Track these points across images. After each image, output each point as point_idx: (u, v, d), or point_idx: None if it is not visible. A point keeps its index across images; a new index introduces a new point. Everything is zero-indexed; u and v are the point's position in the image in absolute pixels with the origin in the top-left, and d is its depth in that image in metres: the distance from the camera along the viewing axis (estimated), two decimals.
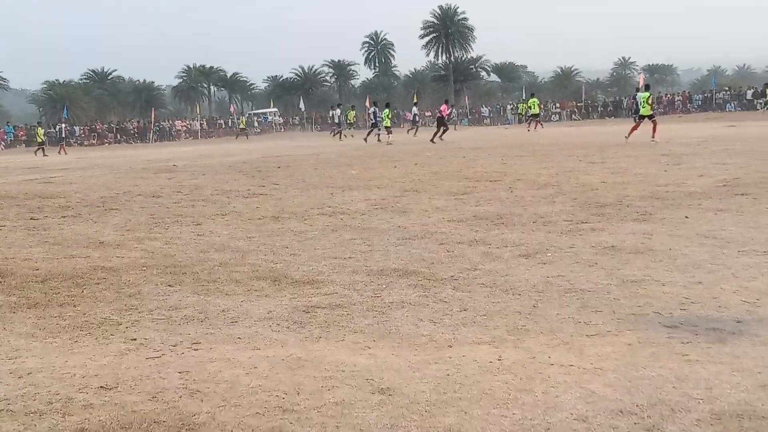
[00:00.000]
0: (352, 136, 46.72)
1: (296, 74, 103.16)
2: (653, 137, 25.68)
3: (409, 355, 5.01)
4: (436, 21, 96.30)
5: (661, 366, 4.56)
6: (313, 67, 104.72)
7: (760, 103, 49.85)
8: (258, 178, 18.19)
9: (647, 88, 30.90)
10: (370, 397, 4.30)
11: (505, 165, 18.97)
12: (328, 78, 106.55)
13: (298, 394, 4.38)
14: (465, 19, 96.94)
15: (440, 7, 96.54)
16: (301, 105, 78.62)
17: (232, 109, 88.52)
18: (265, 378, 4.67)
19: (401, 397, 4.27)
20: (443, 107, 38.27)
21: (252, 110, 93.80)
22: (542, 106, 51.68)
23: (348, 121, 55.09)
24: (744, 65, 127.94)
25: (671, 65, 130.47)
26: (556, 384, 4.35)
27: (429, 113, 74.79)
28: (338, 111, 51.21)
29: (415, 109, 49.19)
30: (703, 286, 6.42)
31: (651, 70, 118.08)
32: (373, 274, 7.46)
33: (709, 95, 68.91)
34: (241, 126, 65.25)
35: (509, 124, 69.59)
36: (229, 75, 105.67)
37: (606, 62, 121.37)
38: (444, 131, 35.29)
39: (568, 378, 4.44)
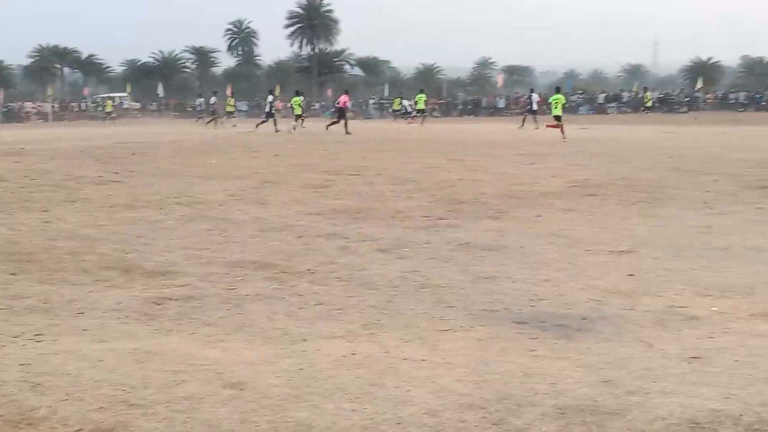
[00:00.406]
0: (234, 126, 45.93)
1: (155, 59, 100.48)
2: (546, 127, 28.37)
3: (262, 348, 4.95)
4: (301, 11, 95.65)
5: (509, 361, 4.66)
6: (173, 52, 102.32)
7: (645, 109, 51.82)
8: (112, 165, 17.63)
9: (558, 90, 32.78)
10: (220, 391, 4.21)
11: (365, 159, 19.06)
12: (188, 64, 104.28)
13: (146, 388, 4.26)
14: (330, 11, 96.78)
15: None
16: (160, 90, 76.61)
17: (86, 92, 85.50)
18: (111, 372, 4.51)
19: (253, 391, 4.21)
20: (344, 98, 37.76)
21: (105, 94, 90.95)
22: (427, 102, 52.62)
23: (228, 111, 54.24)
24: (597, 69, 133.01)
25: (529, 67, 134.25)
26: (408, 378, 4.38)
27: (281, 104, 74.29)
28: (213, 99, 50.30)
29: (270, 98, 48.87)
30: (551, 283, 6.62)
31: (510, 70, 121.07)
32: (229, 266, 7.35)
33: (527, 97, 71.17)
34: (108, 109, 62.98)
35: (371, 118, 70.05)
36: (84, 56, 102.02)
37: (467, 61, 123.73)
38: (334, 123, 34.88)
39: (421, 372, 4.48)
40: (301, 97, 39.87)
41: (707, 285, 6.48)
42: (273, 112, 38.74)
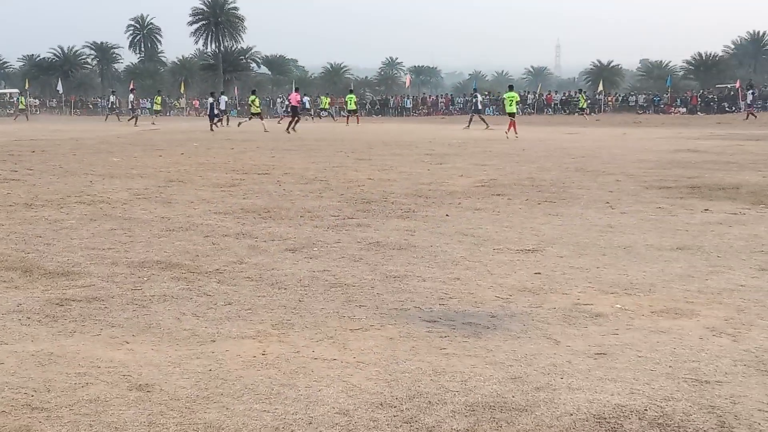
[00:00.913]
0: (153, 123, 45.03)
1: (55, 54, 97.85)
2: (509, 132, 28.81)
3: (169, 350, 4.85)
4: (205, 8, 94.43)
5: (420, 359, 4.68)
6: (73, 47, 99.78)
7: (579, 110, 52.70)
8: (10, 163, 17.12)
9: (511, 88, 33.58)
10: (127, 393, 4.12)
11: (273, 158, 18.95)
12: (89, 60, 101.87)
13: (49, 391, 4.13)
14: (236, 8, 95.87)
15: None
16: (59, 87, 74.62)
17: None
18: (13, 374, 4.36)
19: (160, 393, 4.13)
20: (294, 95, 37.79)
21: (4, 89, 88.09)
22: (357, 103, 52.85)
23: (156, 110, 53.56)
24: (502, 71, 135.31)
25: (435, 68, 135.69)
26: (319, 378, 4.36)
27: (196, 102, 73.28)
28: (131, 96, 49.60)
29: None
30: (460, 282, 6.68)
31: (417, 71, 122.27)
32: (134, 266, 7.18)
33: (470, 98, 72.16)
34: (21, 107, 60.74)
35: (279, 117, 69.64)
36: None
37: (374, 61, 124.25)
38: (296, 121, 34.73)
39: (332, 372, 4.46)
40: (254, 96, 39.40)
41: (611, 283, 6.63)
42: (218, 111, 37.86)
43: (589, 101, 55.88)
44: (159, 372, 4.45)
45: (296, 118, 35.04)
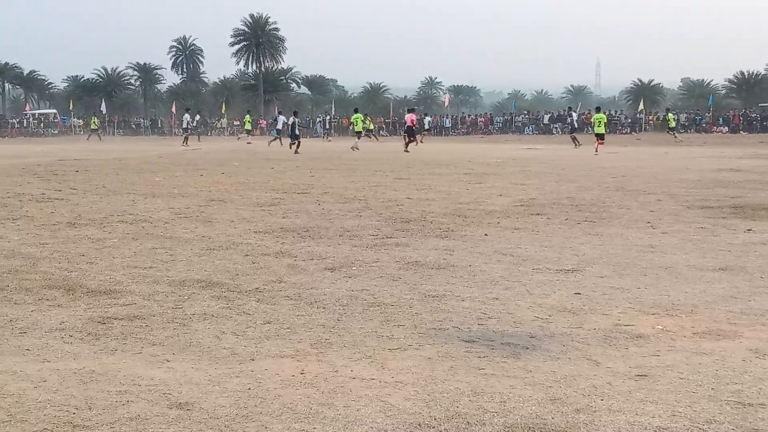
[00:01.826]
0: (249, 143, 45.48)
1: (99, 75, 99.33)
2: (596, 152, 29.89)
3: (209, 368, 4.88)
4: (246, 29, 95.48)
5: (458, 380, 4.67)
6: (116, 68, 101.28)
7: (669, 130, 52.19)
8: (54, 182, 17.39)
9: (599, 110, 35.02)
10: (167, 411, 4.15)
11: (313, 178, 19.05)
12: (132, 81, 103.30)
13: (90, 409, 4.17)
14: (276, 29, 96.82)
15: (251, 16, 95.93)
16: (103, 107, 75.76)
17: (27, 108, 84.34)
18: (55, 392, 4.42)
19: (200, 411, 4.15)
20: (410, 116, 38.40)
21: (46, 109, 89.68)
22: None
23: (246, 128, 53.68)
24: (542, 91, 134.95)
25: (475, 87, 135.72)
26: (357, 398, 4.36)
27: (237, 122, 73.91)
28: (187, 116, 49.47)
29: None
30: (499, 302, 6.65)
31: (456, 90, 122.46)
32: (175, 284, 7.25)
33: (509, 118, 72.09)
34: (93, 127, 61.67)
35: (319, 137, 70.05)
36: (25, 72, 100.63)
37: (414, 81, 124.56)
38: (411, 141, 35.57)
39: (370, 392, 4.46)
40: (361, 115, 40.03)
41: (652, 303, 6.56)
42: (297, 132, 36.16)
43: (675, 120, 54.25)
44: (198, 390, 4.48)
45: (411, 138, 35.90)
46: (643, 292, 6.97)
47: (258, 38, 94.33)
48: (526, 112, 74.90)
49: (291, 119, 36.01)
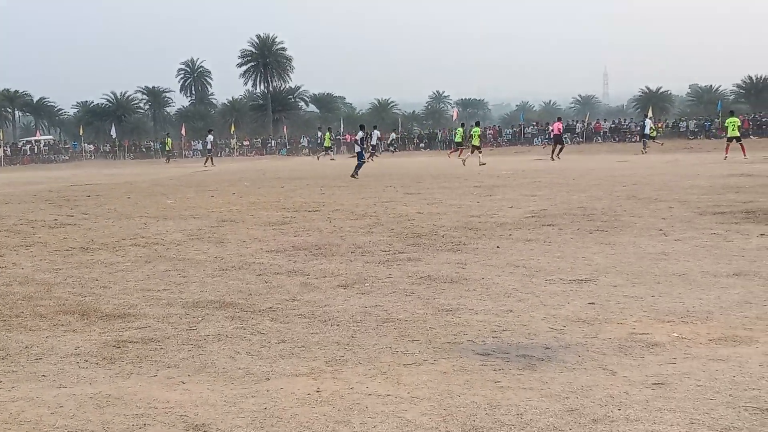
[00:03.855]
0: (333, 159, 45.42)
1: (108, 100, 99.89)
2: (745, 156, 30.21)
3: (225, 389, 4.89)
4: (254, 50, 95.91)
5: (474, 393, 4.65)
6: (126, 93, 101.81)
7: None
8: (66, 208, 17.46)
9: (732, 114, 36.14)
10: None
11: (323, 195, 19.08)
12: (141, 105, 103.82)
13: None
14: (283, 49, 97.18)
15: (258, 36, 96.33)
16: (113, 132, 76.13)
17: (38, 135, 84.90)
18: (72, 417, 4.43)
19: None
20: (557, 125, 40.44)
21: (57, 136, 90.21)
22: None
23: (325, 146, 53.12)
24: (550, 101, 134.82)
25: (483, 100, 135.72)
26: (373, 414, 4.35)
27: (247, 142, 74.09)
28: (210, 137, 49.67)
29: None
30: (513, 314, 6.63)
31: (464, 104, 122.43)
32: (189, 306, 7.26)
33: (518, 130, 71.99)
34: (168, 147, 62.22)
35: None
36: (35, 99, 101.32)
37: (421, 95, 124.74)
38: (560, 149, 37.42)
39: (386, 408, 4.45)
40: (463, 128, 40.81)
41: (667, 311, 6.54)
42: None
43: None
44: (215, 411, 4.48)
45: (559, 145, 37.88)
46: (658, 300, 6.94)
47: (265, 58, 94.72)
48: (534, 123, 74.75)
49: (360, 134, 30.57)
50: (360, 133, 30.34)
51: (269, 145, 77.48)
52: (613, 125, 68.42)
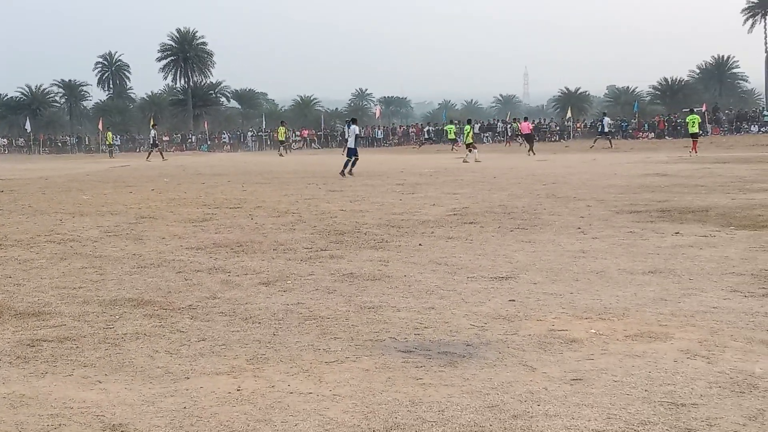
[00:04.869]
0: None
1: (22, 93, 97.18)
2: (695, 152, 31.71)
3: (143, 388, 4.79)
4: (174, 44, 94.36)
5: (396, 390, 4.66)
6: (41, 86, 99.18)
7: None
8: None
9: (692, 111, 36.67)
10: None
11: (245, 192, 18.91)
12: (57, 98, 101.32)
13: None
14: (204, 43, 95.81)
15: (178, 30, 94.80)
16: (28, 126, 74.15)
17: None
18: None
19: None
20: (526, 124, 42.93)
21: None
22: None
23: (280, 139, 51.77)
24: (472, 100, 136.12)
25: (405, 98, 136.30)
26: (295, 412, 4.32)
27: (166, 137, 72.95)
28: (153, 132, 48.45)
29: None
30: (435, 311, 6.66)
31: (387, 102, 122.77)
32: (106, 304, 7.11)
33: (440, 128, 72.43)
34: (109, 141, 60.51)
35: (250, 150, 69.74)
36: None
37: (344, 93, 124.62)
38: (531, 146, 40.02)
39: (308, 406, 4.42)
40: (462, 126, 43.58)
41: (585, 308, 6.65)
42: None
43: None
44: (132, 411, 4.39)
45: (531, 143, 40.46)
46: (576, 297, 7.06)
47: (186, 53, 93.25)
48: (456, 122, 75.37)
49: (355, 128, 26.34)
50: (355, 128, 26.30)
51: (189, 140, 76.51)
52: (533, 124, 69.35)
